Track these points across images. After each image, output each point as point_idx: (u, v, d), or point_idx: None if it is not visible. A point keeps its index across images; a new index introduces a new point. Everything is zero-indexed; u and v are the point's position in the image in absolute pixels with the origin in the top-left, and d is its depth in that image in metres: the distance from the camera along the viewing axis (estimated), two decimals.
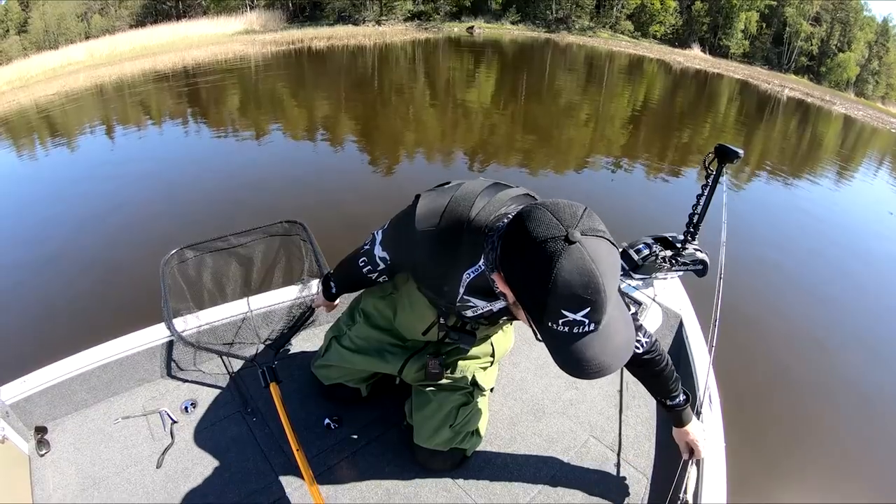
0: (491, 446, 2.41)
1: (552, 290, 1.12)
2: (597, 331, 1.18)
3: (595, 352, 1.19)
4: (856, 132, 24.00)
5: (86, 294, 5.16)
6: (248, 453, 2.29)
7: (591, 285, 1.10)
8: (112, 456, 2.22)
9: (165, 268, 2.68)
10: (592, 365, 1.20)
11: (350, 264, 2.11)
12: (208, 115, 13.33)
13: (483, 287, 1.58)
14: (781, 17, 49.90)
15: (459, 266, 1.58)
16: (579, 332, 1.17)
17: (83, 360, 2.40)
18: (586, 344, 1.19)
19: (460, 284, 1.63)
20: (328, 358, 2.43)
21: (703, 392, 2.42)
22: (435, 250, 1.58)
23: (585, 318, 1.14)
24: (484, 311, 1.73)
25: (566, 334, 1.18)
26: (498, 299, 1.60)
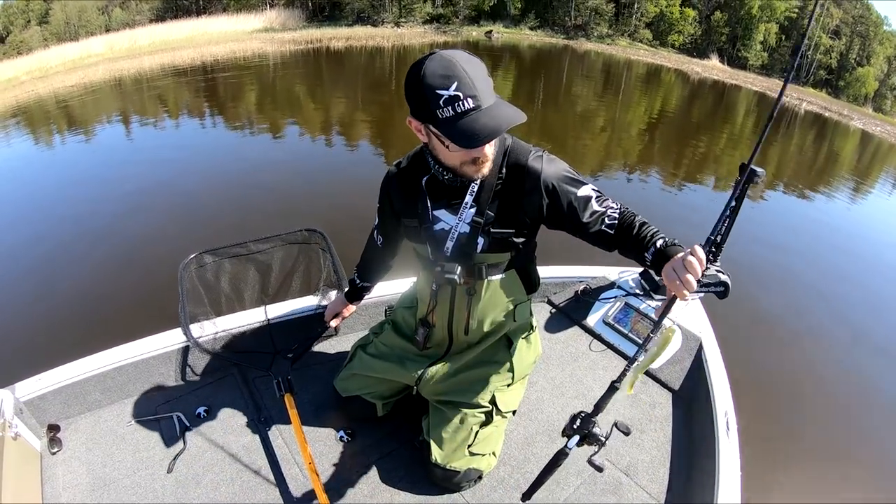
0: (505, 466, 2.39)
1: (423, 80, 1.49)
2: (480, 110, 1.50)
3: (484, 123, 1.49)
4: (873, 148, 23.76)
5: (99, 294, 5.17)
6: (260, 463, 2.28)
7: (449, 65, 1.48)
8: (123, 458, 2.23)
9: (184, 272, 2.66)
10: (484, 132, 1.49)
11: (368, 243, 2.46)
12: (225, 113, 13.38)
13: (440, 186, 1.90)
14: (801, 29, 49.63)
15: (419, 177, 1.95)
16: (462, 109, 1.48)
17: (98, 361, 2.41)
18: (474, 119, 1.49)
19: (424, 194, 1.93)
20: (352, 367, 2.47)
21: (721, 418, 2.41)
22: (400, 172, 2.02)
23: (458, 92, 1.47)
24: (457, 230, 1.91)
25: (453, 116, 1.49)
26: (461, 207, 1.87)
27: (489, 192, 1.83)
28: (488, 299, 2.07)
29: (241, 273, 2.87)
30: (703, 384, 2.74)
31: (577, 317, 3.39)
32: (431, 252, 2.00)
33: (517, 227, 1.89)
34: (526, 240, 1.95)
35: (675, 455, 2.53)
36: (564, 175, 1.83)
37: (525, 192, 1.82)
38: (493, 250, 1.93)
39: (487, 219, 1.86)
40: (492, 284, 2.03)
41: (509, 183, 1.83)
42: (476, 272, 1.97)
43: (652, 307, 3.19)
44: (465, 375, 2.25)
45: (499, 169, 1.82)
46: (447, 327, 2.18)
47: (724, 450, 2.25)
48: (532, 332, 2.36)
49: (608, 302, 3.37)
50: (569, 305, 3.47)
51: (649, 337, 2.95)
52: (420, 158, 1.94)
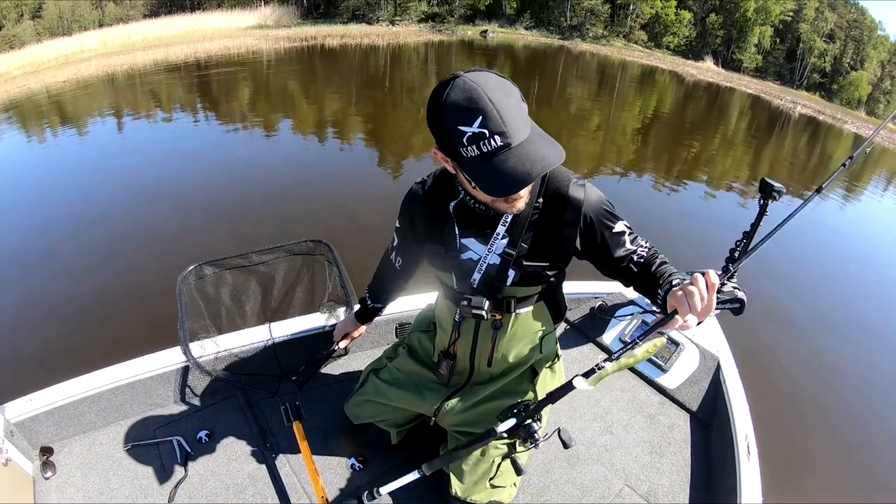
0: (523, 494, 2.30)
1: (444, 112, 1.32)
2: (510, 149, 1.30)
3: (512, 165, 1.30)
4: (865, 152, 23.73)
5: (89, 306, 4.94)
6: (267, 493, 2.18)
7: (474, 96, 1.28)
8: (121, 484, 2.13)
9: (182, 285, 2.51)
10: (511, 178, 1.31)
11: (382, 263, 2.29)
12: (218, 110, 13.27)
13: (469, 214, 1.74)
14: (795, 32, 49.93)
15: (446, 200, 1.78)
16: (489, 148, 1.30)
17: (93, 381, 2.31)
18: (503, 160, 1.30)
19: (452, 220, 1.77)
20: (364, 392, 2.35)
21: (742, 441, 2.35)
22: (426, 194, 1.83)
23: (484, 129, 1.28)
24: (486, 261, 1.77)
25: (479, 156, 1.32)
26: (491, 237, 1.73)
27: (524, 222, 1.69)
28: (515, 332, 1.95)
29: (243, 285, 2.74)
30: (722, 405, 2.69)
31: (592, 334, 3.29)
32: (457, 282, 1.85)
33: (551, 259, 1.75)
34: (558, 272, 1.84)
35: (694, 479, 2.47)
36: (603, 209, 1.71)
37: (563, 223, 1.69)
38: (523, 283, 1.79)
39: (521, 251, 1.73)
40: (520, 318, 1.91)
41: (547, 213, 1.70)
42: (504, 306, 1.84)
43: None
44: (487, 407, 2.11)
45: (536, 197, 1.68)
46: (469, 358, 2.05)
47: (746, 475, 2.19)
48: (557, 360, 2.25)
49: (625, 319, 3.29)
50: (584, 322, 3.36)
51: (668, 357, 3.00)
52: (446, 180, 1.79)
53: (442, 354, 2.09)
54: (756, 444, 2.35)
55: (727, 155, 14.94)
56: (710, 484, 2.45)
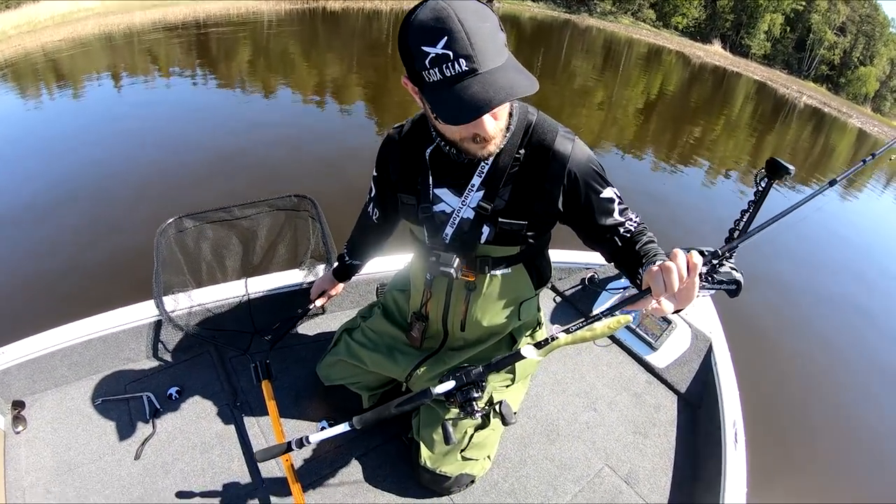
0: (499, 468, 2.18)
1: (409, 32, 1.19)
2: (476, 75, 1.16)
3: (473, 92, 1.16)
4: (868, 147, 23.88)
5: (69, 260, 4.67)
6: (234, 453, 2.08)
7: (442, 16, 1.14)
8: (89, 440, 2.04)
9: (161, 238, 2.44)
10: (469, 104, 1.17)
11: (361, 217, 2.12)
12: (216, 71, 12.91)
13: (444, 162, 1.58)
14: (807, 22, 49.92)
15: (423, 145, 1.62)
16: (452, 72, 1.16)
17: (66, 334, 2.20)
18: (465, 87, 1.17)
19: (427, 168, 1.62)
20: (336, 352, 2.21)
21: (729, 426, 2.26)
22: (402, 139, 1.68)
23: (448, 51, 1.14)
24: (459, 215, 1.62)
25: (441, 81, 1.18)
26: (468, 188, 1.57)
27: (502, 174, 1.53)
28: (489, 296, 1.79)
29: (224, 240, 2.64)
30: (712, 389, 2.57)
31: (582, 307, 3.15)
32: (428, 236, 1.70)
33: (531, 218, 1.58)
34: (538, 234, 1.66)
35: (678, 463, 2.36)
36: (592, 169, 1.54)
37: (546, 177, 1.52)
38: (499, 242, 1.63)
39: (497, 206, 1.56)
40: (495, 280, 1.75)
41: (529, 165, 1.53)
42: (477, 265, 1.69)
43: None
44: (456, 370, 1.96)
45: (517, 147, 1.52)
46: (441, 321, 1.90)
47: (732, 462, 2.10)
48: (538, 328, 2.09)
49: (617, 293, 3.13)
50: (574, 294, 3.21)
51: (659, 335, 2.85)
52: (424, 125, 1.63)
53: (414, 316, 1.96)
54: (744, 431, 2.27)
55: (730, 139, 14.87)
56: (694, 469, 2.34)
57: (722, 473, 2.08)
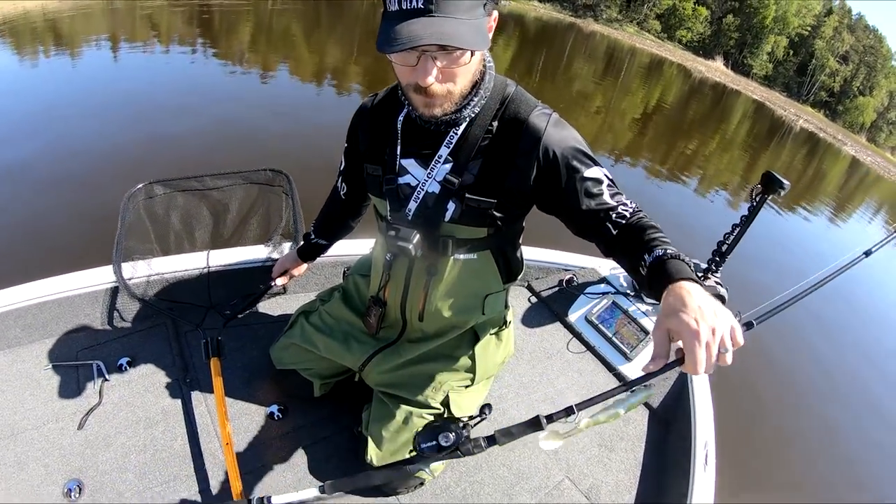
0: (452, 471, 2.09)
1: None
2: (425, 15, 1.12)
3: (412, 28, 1.12)
4: (860, 176, 24.16)
5: (30, 221, 4.47)
6: (178, 431, 2.00)
7: None
8: (36, 406, 1.99)
9: (129, 202, 2.36)
10: (400, 36, 1.12)
11: (330, 193, 2.04)
12: (215, 44, 12.62)
13: (413, 130, 1.49)
14: (810, 48, 50.21)
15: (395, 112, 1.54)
16: (407, 6, 1.13)
17: (20, 294, 2.14)
18: (411, 22, 1.13)
19: (396, 137, 1.52)
20: (291, 335, 2.12)
21: (700, 446, 2.19)
22: (374, 107, 1.60)
23: None
24: (424, 188, 1.50)
25: (396, 12, 1.15)
26: (435, 159, 1.46)
27: (472, 146, 1.43)
28: (452, 282, 1.66)
29: (194, 210, 2.56)
30: (686, 406, 2.46)
31: (557, 309, 3.03)
32: (391, 210, 1.57)
33: (500, 196, 1.45)
34: (509, 216, 1.52)
35: (643, 482, 2.26)
36: (573, 146, 1.41)
37: (519, 153, 1.41)
38: (465, 221, 1.50)
39: (465, 180, 1.45)
40: (458, 265, 1.61)
41: (501, 139, 1.42)
42: (440, 246, 1.56)
43: (642, 310, 2.89)
44: (418, 369, 1.88)
45: (490, 119, 1.42)
46: (400, 308, 1.77)
47: (700, 484, 2.04)
48: (505, 327, 1.96)
49: (594, 298, 3.03)
50: (550, 295, 3.09)
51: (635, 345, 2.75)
52: (398, 92, 1.52)
53: (371, 300, 1.84)
54: (715, 453, 2.19)
55: (724, 155, 14.88)
56: (660, 489, 2.25)
57: (689, 496, 2.01)
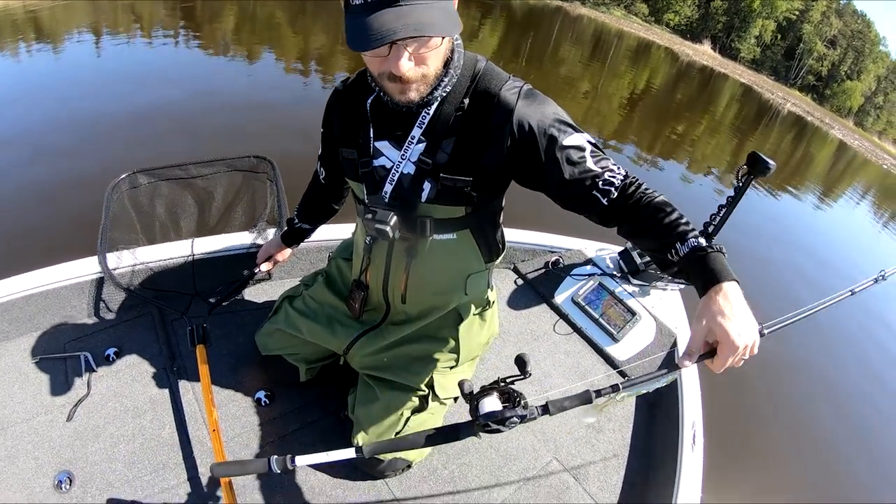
0: (439, 454, 2.12)
1: None
2: (393, 6, 1.11)
3: (385, 20, 1.11)
4: (847, 159, 24.43)
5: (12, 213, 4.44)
6: (166, 420, 2.04)
7: None
8: (25, 399, 2.04)
9: (113, 193, 2.38)
10: (370, 31, 1.11)
11: (312, 178, 2.06)
12: (199, 31, 12.53)
13: (385, 112, 1.48)
14: (798, 32, 50.42)
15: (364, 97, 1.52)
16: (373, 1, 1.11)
17: (5, 288, 2.18)
18: (379, 14, 1.11)
19: (368, 120, 1.52)
20: (275, 321, 2.14)
21: (688, 427, 2.22)
22: (345, 90, 1.60)
23: None
24: (399, 170, 1.49)
25: (361, 4, 1.12)
26: (408, 140, 1.45)
27: (445, 125, 1.41)
28: (432, 263, 1.65)
29: (179, 199, 2.60)
30: (673, 389, 2.47)
31: (544, 291, 3.06)
32: (367, 193, 1.57)
33: (476, 173, 1.43)
34: (486, 194, 1.52)
35: (631, 463, 2.29)
36: (549, 115, 1.38)
37: (491, 128, 1.39)
38: (442, 201, 1.49)
39: (439, 159, 1.44)
40: (437, 245, 1.61)
41: (472, 116, 1.40)
42: (418, 227, 1.54)
43: (628, 292, 2.92)
44: (402, 351, 1.89)
45: (461, 97, 1.41)
46: (382, 291, 1.78)
47: (688, 464, 2.08)
48: (489, 307, 1.96)
49: (581, 279, 3.05)
50: (536, 277, 3.12)
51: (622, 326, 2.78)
52: (367, 74, 1.51)
53: (354, 283, 1.87)
54: (703, 433, 2.23)
55: (712, 139, 14.95)
56: (648, 469, 2.29)
57: (677, 475, 2.05)
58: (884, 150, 33.02)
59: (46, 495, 1.78)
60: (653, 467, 2.29)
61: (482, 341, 2.00)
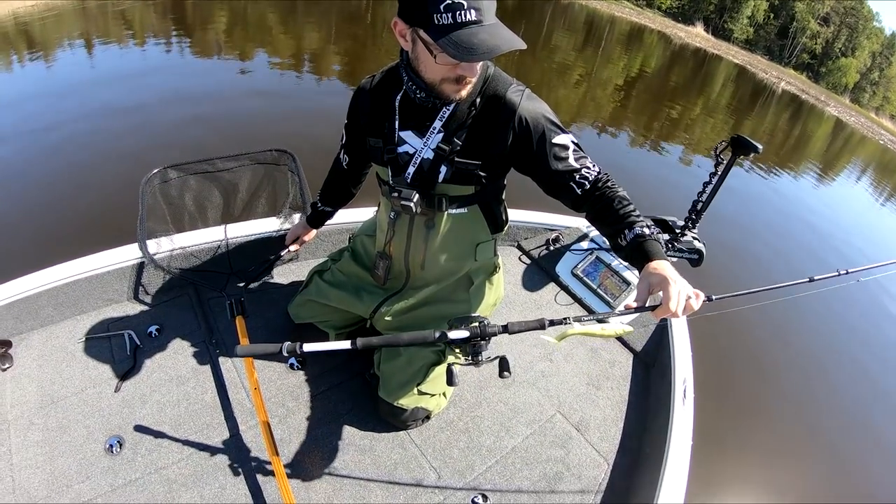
0: (454, 408, 2.36)
1: None
2: (481, 25, 1.38)
3: (483, 38, 1.37)
4: (845, 137, 24.35)
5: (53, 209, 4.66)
6: (207, 385, 2.24)
7: None
8: (73, 375, 2.18)
9: (146, 186, 2.58)
10: (482, 47, 1.37)
11: (333, 165, 2.32)
12: (192, 34, 12.49)
13: (411, 107, 1.75)
14: (791, 10, 50.16)
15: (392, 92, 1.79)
16: (462, 19, 1.36)
17: (52, 275, 2.32)
18: (473, 32, 1.37)
19: (394, 113, 1.79)
20: (307, 293, 2.42)
21: (679, 386, 2.39)
22: (373, 88, 1.86)
23: (462, 1, 1.34)
24: (421, 155, 1.79)
25: (452, 24, 1.37)
26: (430, 130, 1.74)
27: (460, 119, 1.72)
28: (447, 234, 1.96)
29: (206, 191, 2.79)
30: (666, 350, 2.69)
31: (545, 265, 3.34)
32: (392, 176, 1.86)
33: (484, 159, 1.75)
34: (492, 176, 1.82)
35: (628, 416, 2.52)
36: (543, 115, 1.70)
37: (498, 123, 1.70)
38: (455, 181, 1.80)
39: (454, 147, 1.74)
40: (452, 218, 1.92)
41: (483, 113, 1.71)
42: (436, 203, 1.85)
43: (623, 264, 3.09)
44: (421, 312, 2.17)
45: (475, 96, 1.70)
46: (404, 260, 2.08)
47: (679, 417, 2.24)
48: (496, 272, 2.26)
49: (579, 254, 3.31)
50: (538, 252, 3.40)
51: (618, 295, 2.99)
52: (394, 74, 1.80)
53: (378, 255, 2.15)
54: (693, 389, 2.39)
55: (707, 121, 14.94)
56: (644, 422, 2.50)
57: (669, 426, 2.19)
58: (881, 126, 32.92)
59: (98, 458, 1.91)
60: (648, 420, 2.49)
61: (490, 302, 2.26)
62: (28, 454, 1.91)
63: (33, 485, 1.84)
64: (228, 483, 1.95)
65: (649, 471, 2.09)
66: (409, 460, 2.13)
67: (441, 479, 2.10)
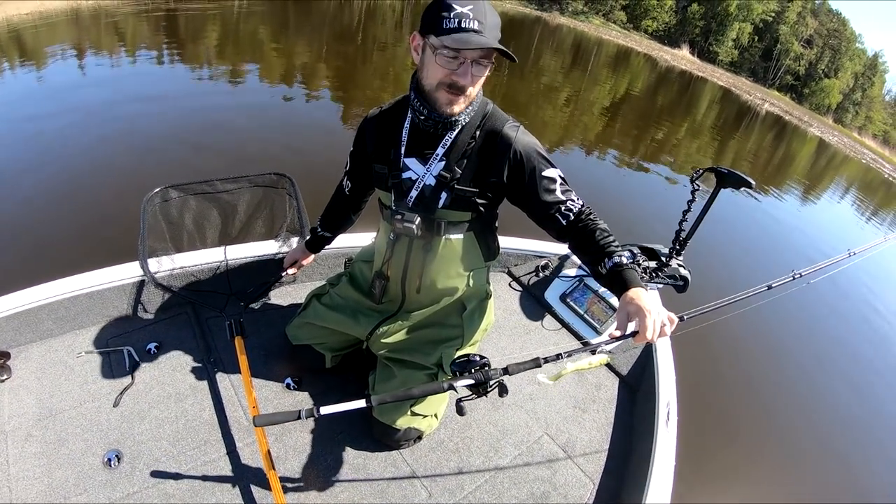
0: (445, 429, 2.39)
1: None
2: (480, 33, 1.57)
3: (477, 39, 1.56)
4: (828, 156, 24.49)
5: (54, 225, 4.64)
6: (205, 403, 2.27)
7: None
8: (71, 389, 2.20)
9: (147, 205, 2.62)
10: (474, 41, 1.55)
11: (335, 191, 2.39)
12: (184, 51, 12.57)
13: (416, 135, 1.87)
14: (775, 33, 50.62)
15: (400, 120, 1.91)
16: (466, 26, 1.55)
17: (52, 289, 2.34)
18: (471, 34, 1.56)
19: (400, 141, 1.89)
20: (305, 315, 2.45)
21: (663, 408, 2.43)
22: (380, 116, 1.99)
23: (469, 12, 1.55)
24: (423, 181, 1.89)
25: (456, 28, 1.56)
26: (432, 158, 1.86)
27: (461, 149, 1.84)
28: (444, 258, 2.04)
29: (206, 211, 2.84)
30: (650, 374, 2.75)
31: (535, 291, 3.40)
32: (395, 200, 1.96)
33: (481, 187, 1.88)
34: (488, 203, 1.94)
35: (614, 438, 2.55)
36: (535, 150, 1.84)
37: (495, 154, 1.83)
38: (454, 207, 1.91)
39: (454, 174, 1.85)
40: (449, 243, 2.01)
41: (482, 145, 1.84)
42: (435, 227, 1.95)
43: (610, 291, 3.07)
44: (416, 335, 2.23)
45: (474, 129, 1.84)
46: (401, 282, 2.14)
47: (662, 439, 2.28)
48: (487, 299, 2.32)
49: (567, 280, 3.36)
50: (528, 279, 3.46)
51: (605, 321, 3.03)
52: (403, 105, 1.93)
53: (376, 274, 2.21)
54: (677, 412, 2.46)
55: (693, 142, 15.05)
56: (628, 444, 2.53)
57: (653, 447, 2.24)
58: (864, 146, 33.36)
59: (96, 472, 1.93)
60: (633, 442, 2.52)
61: (482, 327, 2.29)
62: (25, 466, 1.93)
63: (30, 496, 1.86)
64: (225, 499, 1.98)
65: (634, 491, 2.14)
66: (401, 479, 2.17)
67: (432, 497, 2.13)
